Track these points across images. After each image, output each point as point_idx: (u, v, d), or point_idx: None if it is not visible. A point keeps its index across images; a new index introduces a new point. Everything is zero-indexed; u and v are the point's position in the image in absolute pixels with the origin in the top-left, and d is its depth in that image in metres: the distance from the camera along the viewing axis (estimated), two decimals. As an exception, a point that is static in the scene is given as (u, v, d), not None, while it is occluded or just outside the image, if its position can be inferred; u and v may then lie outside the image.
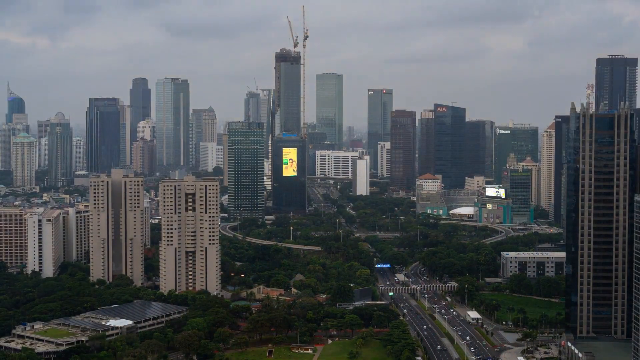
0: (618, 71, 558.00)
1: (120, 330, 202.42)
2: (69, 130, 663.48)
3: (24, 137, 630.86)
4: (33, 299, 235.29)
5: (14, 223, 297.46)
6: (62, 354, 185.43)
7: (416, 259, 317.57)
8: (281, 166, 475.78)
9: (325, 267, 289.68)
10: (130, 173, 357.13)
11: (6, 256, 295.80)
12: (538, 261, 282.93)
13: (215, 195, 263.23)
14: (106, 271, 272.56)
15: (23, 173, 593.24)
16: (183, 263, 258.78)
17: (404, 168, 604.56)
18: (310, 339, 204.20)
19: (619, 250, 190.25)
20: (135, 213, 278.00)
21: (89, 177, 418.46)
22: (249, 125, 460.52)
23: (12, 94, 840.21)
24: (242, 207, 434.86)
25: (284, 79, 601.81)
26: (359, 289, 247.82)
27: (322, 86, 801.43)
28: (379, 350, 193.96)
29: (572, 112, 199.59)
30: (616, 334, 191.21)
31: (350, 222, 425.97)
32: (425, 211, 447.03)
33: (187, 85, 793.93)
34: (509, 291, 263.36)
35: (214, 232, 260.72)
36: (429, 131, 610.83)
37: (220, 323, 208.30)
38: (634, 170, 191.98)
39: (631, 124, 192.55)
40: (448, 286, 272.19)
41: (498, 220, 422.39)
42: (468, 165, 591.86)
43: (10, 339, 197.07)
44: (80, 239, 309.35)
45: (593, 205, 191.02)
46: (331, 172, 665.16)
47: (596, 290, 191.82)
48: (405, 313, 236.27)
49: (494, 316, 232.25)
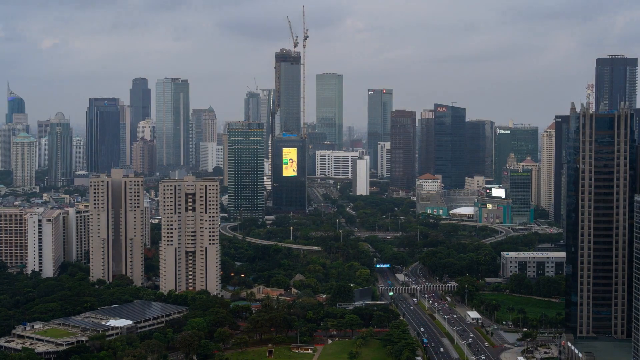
0: (618, 71, 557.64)
1: (120, 330, 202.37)
2: (69, 130, 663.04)
3: (24, 137, 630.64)
4: (33, 299, 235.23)
5: (14, 223, 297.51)
6: (62, 354, 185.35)
7: (416, 259, 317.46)
8: (281, 166, 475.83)
9: (325, 267, 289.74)
10: (130, 173, 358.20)
11: (6, 256, 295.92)
12: (538, 261, 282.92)
13: (215, 195, 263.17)
14: (106, 271, 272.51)
15: (23, 173, 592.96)
16: (183, 263, 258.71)
17: (404, 168, 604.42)
18: (310, 339, 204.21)
19: (619, 250, 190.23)
20: (135, 213, 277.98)
21: (89, 177, 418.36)
22: (249, 125, 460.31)
23: (12, 94, 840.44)
24: (242, 207, 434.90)
25: (284, 79, 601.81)
26: (359, 289, 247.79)
27: (322, 86, 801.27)
28: (379, 350, 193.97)
29: (572, 112, 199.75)
30: (616, 334, 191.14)
31: (350, 222, 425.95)
32: (425, 211, 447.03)
33: (187, 85, 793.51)
34: (509, 291, 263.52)
35: (214, 232, 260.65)
36: (429, 131, 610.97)
37: (220, 323, 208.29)
38: (634, 170, 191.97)
39: (631, 124, 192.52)
40: (448, 286, 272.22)
41: (498, 220, 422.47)
42: (468, 165, 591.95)
43: (10, 339, 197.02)
44: (80, 239, 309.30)
45: (593, 205, 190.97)
46: (331, 172, 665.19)
47: (596, 290, 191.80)
48: (404, 313, 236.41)
49: (494, 316, 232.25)
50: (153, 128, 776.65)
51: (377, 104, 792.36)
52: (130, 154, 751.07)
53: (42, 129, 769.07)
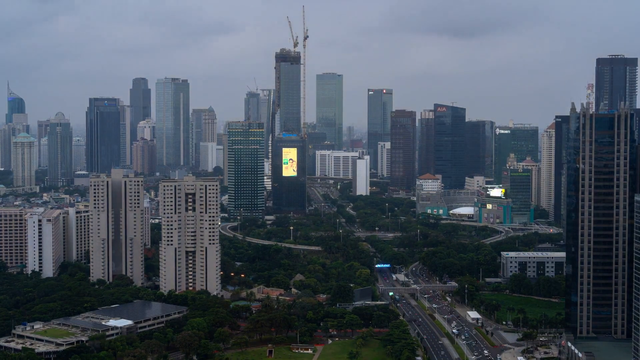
0: (618, 71, 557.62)
1: (120, 330, 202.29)
2: (69, 130, 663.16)
3: (24, 137, 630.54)
4: (33, 299, 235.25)
5: (14, 223, 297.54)
6: (62, 354, 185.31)
7: (416, 259, 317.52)
8: (281, 166, 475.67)
9: (325, 267, 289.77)
10: (130, 173, 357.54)
11: (6, 256, 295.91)
12: (538, 261, 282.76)
13: (215, 195, 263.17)
14: (106, 271, 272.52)
15: (23, 173, 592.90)
16: (183, 263, 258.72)
17: (404, 168, 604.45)
18: (310, 339, 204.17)
19: (619, 250, 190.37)
20: (135, 213, 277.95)
21: (89, 177, 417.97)
22: (249, 125, 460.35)
23: (12, 94, 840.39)
24: (242, 207, 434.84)
25: (284, 79, 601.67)
26: (359, 289, 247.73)
27: (322, 86, 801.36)
28: (379, 350, 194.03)
29: (572, 112, 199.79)
30: (616, 334, 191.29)
31: (350, 222, 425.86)
32: (425, 211, 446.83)
33: (187, 85, 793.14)
34: (509, 291, 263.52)
35: (214, 232, 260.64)
36: (429, 131, 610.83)
37: (220, 323, 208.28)
38: (634, 170, 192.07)
39: (631, 124, 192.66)
40: (448, 286, 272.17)
41: (498, 220, 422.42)
42: (468, 165, 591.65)
43: (10, 339, 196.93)
44: (80, 239, 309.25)
45: (593, 205, 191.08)
46: (331, 172, 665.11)
47: (596, 290, 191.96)
48: (404, 313, 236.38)
49: (494, 316, 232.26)
50: (153, 128, 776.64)
51: (377, 104, 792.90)
52: (130, 154, 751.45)
53: (42, 129, 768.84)
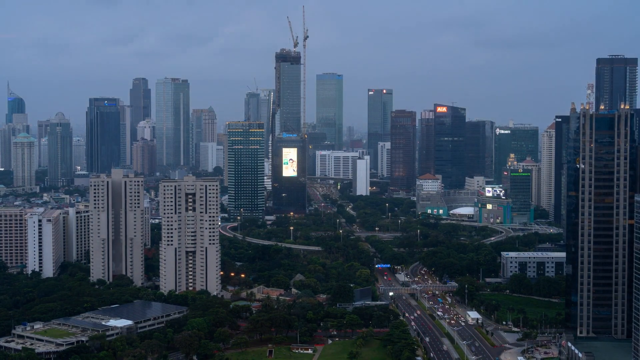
0: (618, 71, 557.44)
1: (120, 330, 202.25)
2: (69, 130, 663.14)
3: (24, 137, 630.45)
4: (33, 299, 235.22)
5: (14, 223, 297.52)
6: (62, 354, 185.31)
7: (416, 259, 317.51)
8: (281, 166, 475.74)
9: (325, 267, 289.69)
10: (130, 173, 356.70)
11: (6, 256, 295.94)
12: (538, 261, 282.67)
13: (215, 195, 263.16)
14: (106, 271, 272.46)
15: (23, 173, 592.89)
16: (183, 263, 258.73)
17: (404, 168, 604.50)
18: (310, 339, 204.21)
19: (619, 250, 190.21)
20: (135, 213, 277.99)
21: (89, 177, 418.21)
22: (249, 125, 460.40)
23: (12, 94, 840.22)
24: (242, 207, 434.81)
25: (284, 79, 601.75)
26: (359, 289, 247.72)
27: (322, 86, 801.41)
28: (379, 350, 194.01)
29: (572, 112, 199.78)
30: (616, 334, 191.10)
31: (350, 222, 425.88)
32: (425, 211, 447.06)
33: (187, 86, 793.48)
34: (509, 291, 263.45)
35: (214, 232, 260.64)
36: (429, 131, 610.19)
37: (220, 323, 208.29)
38: (634, 170, 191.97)
39: (631, 124, 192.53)
40: (448, 286, 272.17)
41: (498, 220, 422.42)
42: (468, 165, 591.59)
43: (10, 339, 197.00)
44: (80, 239, 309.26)
45: (593, 205, 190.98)
46: (331, 172, 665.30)
47: (596, 290, 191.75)
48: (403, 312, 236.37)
49: (494, 316, 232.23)
50: (153, 128, 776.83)
51: (377, 104, 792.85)
52: (130, 154, 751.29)
53: (42, 129, 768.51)
